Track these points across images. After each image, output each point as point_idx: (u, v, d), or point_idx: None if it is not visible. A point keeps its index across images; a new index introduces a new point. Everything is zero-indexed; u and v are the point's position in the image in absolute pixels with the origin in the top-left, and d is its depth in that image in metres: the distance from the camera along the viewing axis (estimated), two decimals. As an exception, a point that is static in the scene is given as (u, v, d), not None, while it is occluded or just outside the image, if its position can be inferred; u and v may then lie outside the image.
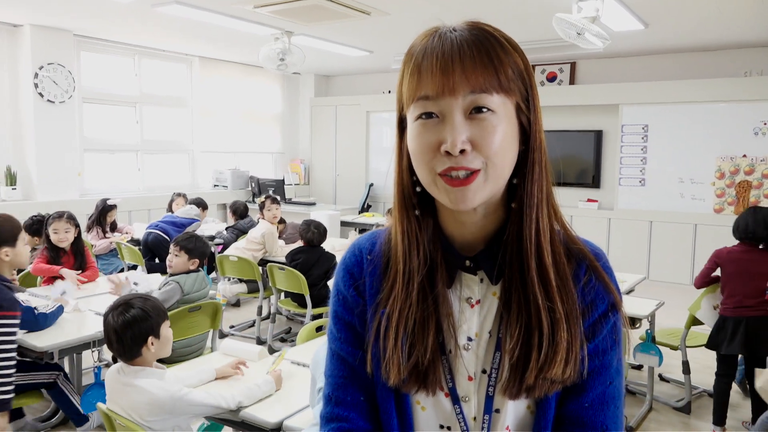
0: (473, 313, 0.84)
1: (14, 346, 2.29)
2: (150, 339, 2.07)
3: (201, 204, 5.96)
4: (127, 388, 2.00)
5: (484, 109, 0.74)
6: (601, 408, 0.82)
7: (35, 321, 2.80)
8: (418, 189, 0.82)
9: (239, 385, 2.13)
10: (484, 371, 0.83)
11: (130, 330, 2.04)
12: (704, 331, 3.61)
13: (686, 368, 3.59)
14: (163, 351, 2.15)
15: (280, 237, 5.44)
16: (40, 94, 6.15)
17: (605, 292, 0.83)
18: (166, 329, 2.15)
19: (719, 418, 3.31)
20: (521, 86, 0.78)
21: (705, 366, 3.95)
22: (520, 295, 0.80)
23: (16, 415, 3.20)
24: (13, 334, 2.32)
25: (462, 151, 0.74)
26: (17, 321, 2.33)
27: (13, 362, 2.34)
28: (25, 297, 3.39)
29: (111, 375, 2.06)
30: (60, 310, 2.97)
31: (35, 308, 2.83)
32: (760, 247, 3.25)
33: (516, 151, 0.79)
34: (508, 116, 0.77)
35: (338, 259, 4.51)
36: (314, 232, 4.52)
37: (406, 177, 0.83)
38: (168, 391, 1.98)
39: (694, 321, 3.56)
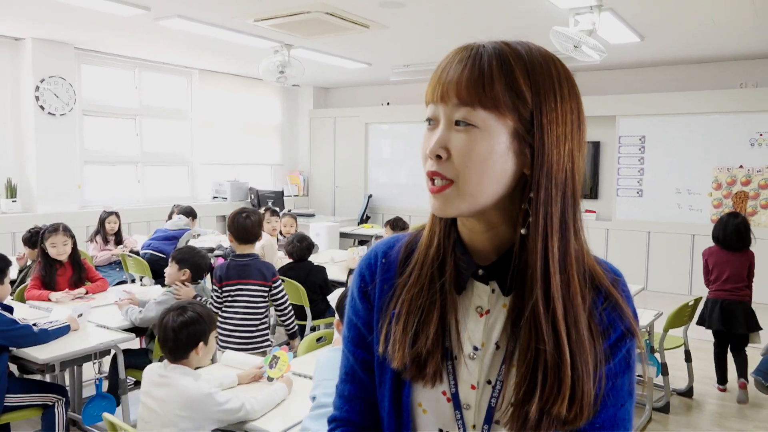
0: (481, 322, 0.85)
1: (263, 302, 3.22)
2: (200, 344, 2.19)
3: (190, 213, 5.86)
4: (164, 380, 2.11)
5: (467, 123, 0.76)
6: (611, 429, 0.83)
7: (35, 336, 2.77)
8: None
9: (258, 393, 2.17)
10: (488, 382, 0.84)
11: (186, 330, 2.17)
12: (679, 335, 3.99)
13: (665, 370, 3.70)
14: (206, 359, 2.26)
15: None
16: (41, 107, 6.19)
17: (621, 319, 0.83)
18: (212, 338, 2.26)
19: (721, 378, 4.07)
20: (522, 109, 0.76)
21: (677, 368, 4.13)
22: (530, 325, 0.79)
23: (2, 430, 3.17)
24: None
25: (439, 157, 0.77)
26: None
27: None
28: (26, 311, 3.41)
29: (151, 368, 2.18)
30: (66, 329, 2.91)
31: (34, 324, 2.82)
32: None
33: (506, 172, 0.78)
34: (498, 135, 0.76)
35: (329, 272, 4.47)
36: (296, 246, 4.39)
37: None
38: (200, 388, 2.07)
39: (672, 324, 3.78)
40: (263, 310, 3.36)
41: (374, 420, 0.92)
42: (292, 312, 3.48)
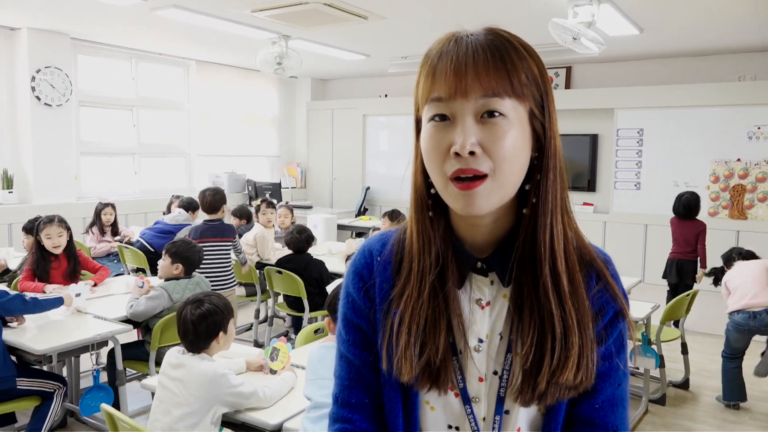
0: (484, 314, 0.85)
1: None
2: (220, 333, 2.23)
3: (191, 205, 5.65)
4: (181, 361, 2.16)
5: (496, 113, 0.75)
6: (611, 409, 0.84)
7: (25, 304, 2.84)
8: (432, 191, 0.83)
9: (269, 382, 2.20)
10: (495, 373, 0.84)
11: (204, 322, 2.22)
12: (676, 327, 4.09)
13: (661, 362, 3.71)
14: (227, 346, 2.30)
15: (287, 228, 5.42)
16: (37, 98, 6.15)
17: (613, 300, 0.85)
18: (232, 326, 2.30)
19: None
20: (535, 92, 0.78)
21: (674, 361, 4.18)
22: (533, 300, 0.81)
23: (9, 419, 3.18)
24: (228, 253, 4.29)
25: (471, 153, 0.74)
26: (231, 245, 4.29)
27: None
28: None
29: (171, 352, 2.23)
30: (58, 301, 2.95)
31: (24, 294, 2.86)
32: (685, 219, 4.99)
33: (527, 157, 0.79)
34: (520, 121, 0.77)
35: (328, 264, 4.53)
36: (295, 237, 4.41)
37: (420, 179, 0.84)
38: (215, 369, 2.12)
39: (669, 317, 3.82)
40: (230, 259, 4.41)
41: (384, 425, 0.89)
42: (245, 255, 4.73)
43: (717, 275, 4.07)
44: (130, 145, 7.47)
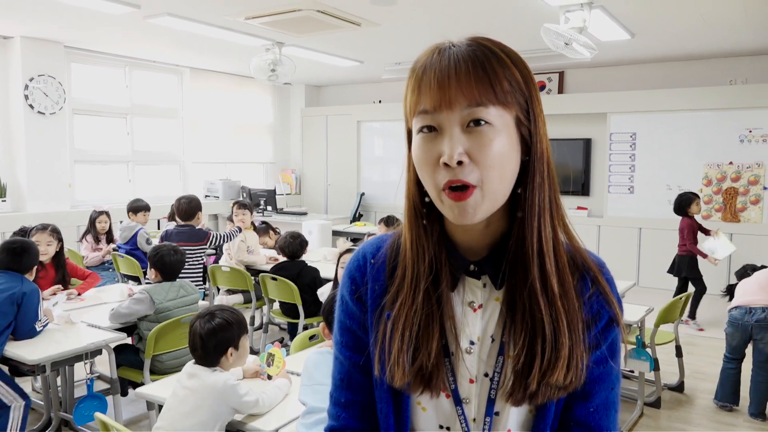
0: (476, 317, 0.86)
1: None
2: (230, 350, 2.20)
3: (135, 209, 5.28)
4: (195, 371, 2.17)
5: (481, 122, 0.76)
6: (605, 412, 0.86)
7: (29, 332, 2.86)
8: (426, 199, 0.84)
9: (265, 388, 2.20)
10: (486, 375, 0.85)
11: (214, 338, 2.18)
12: (671, 330, 4.07)
13: (656, 365, 3.73)
14: (239, 362, 2.26)
15: (272, 247, 5.40)
16: (31, 106, 6.14)
17: (608, 305, 0.86)
18: (245, 342, 2.26)
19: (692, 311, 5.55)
20: (520, 98, 0.80)
21: (668, 363, 4.19)
22: (524, 302, 0.82)
23: None
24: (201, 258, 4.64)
25: (460, 163, 0.76)
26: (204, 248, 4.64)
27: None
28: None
29: (188, 365, 2.22)
30: (47, 323, 3.00)
31: (38, 320, 2.88)
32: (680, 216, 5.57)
33: (516, 162, 0.81)
34: (507, 128, 0.79)
35: (322, 271, 4.48)
36: (288, 241, 4.40)
37: (414, 188, 0.86)
38: (225, 380, 2.11)
39: (663, 320, 3.82)
40: (199, 263, 4.65)
41: (373, 423, 0.91)
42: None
43: (732, 292, 3.98)
44: (124, 153, 7.46)
